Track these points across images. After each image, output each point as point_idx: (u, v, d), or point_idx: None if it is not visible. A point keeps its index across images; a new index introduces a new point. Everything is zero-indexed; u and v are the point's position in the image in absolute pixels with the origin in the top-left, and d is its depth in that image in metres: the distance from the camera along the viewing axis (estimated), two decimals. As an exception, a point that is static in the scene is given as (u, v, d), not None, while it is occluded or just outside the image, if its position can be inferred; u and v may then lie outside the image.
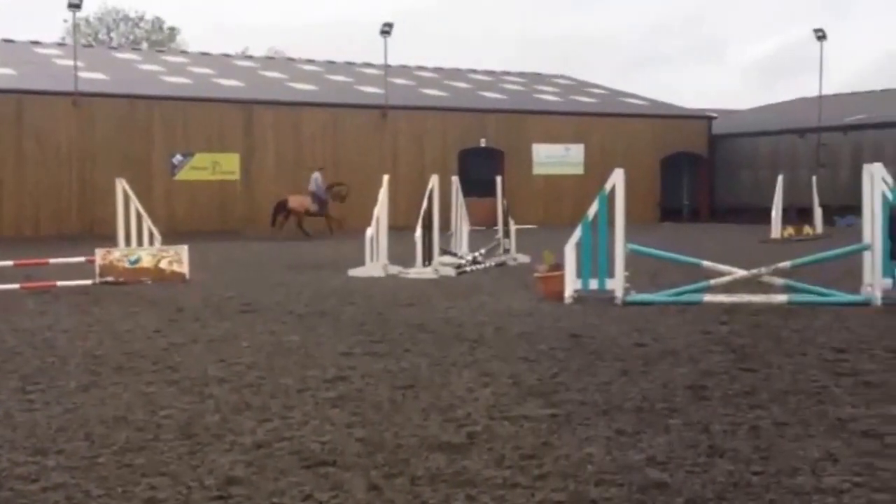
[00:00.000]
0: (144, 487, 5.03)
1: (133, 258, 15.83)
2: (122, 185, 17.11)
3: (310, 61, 48.09)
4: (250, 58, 51.68)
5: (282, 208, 30.39)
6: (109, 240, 17.51)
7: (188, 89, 36.46)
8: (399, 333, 10.15)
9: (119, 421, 6.41)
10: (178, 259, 15.90)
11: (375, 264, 16.87)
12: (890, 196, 12.64)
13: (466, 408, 6.73)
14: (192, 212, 33.49)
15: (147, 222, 17.18)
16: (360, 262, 17.06)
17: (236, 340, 9.72)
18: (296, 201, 30.57)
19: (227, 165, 34.52)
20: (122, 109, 33.34)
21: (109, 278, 15.34)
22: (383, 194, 17.47)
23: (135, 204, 17.03)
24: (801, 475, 5.11)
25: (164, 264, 15.81)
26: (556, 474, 5.21)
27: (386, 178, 18.05)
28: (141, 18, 75.19)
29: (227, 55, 49.76)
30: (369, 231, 17.01)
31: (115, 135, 32.78)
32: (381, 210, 17.26)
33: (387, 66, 38.36)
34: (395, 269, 16.85)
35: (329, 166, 34.77)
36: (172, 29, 76.18)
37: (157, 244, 16.90)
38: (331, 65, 47.51)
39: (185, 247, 16.14)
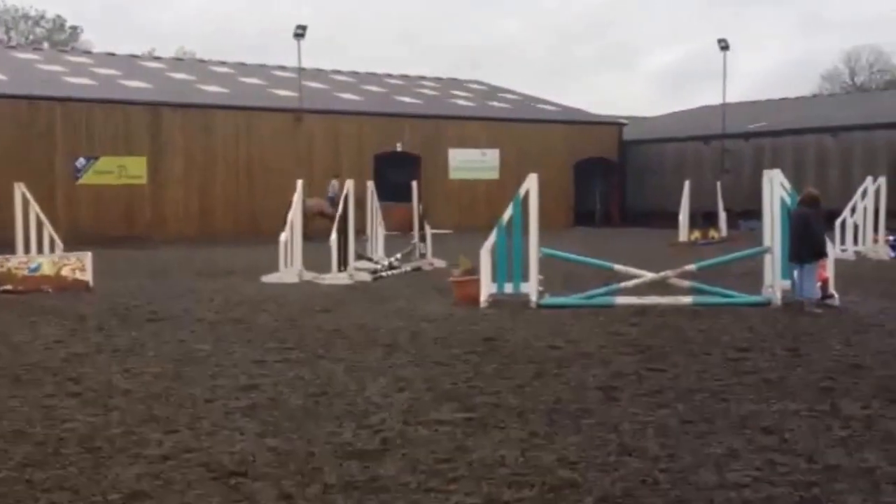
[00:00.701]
0: (45, 503, 4.92)
1: (33, 266, 15.39)
2: (21, 190, 16.60)
3: (221, 63, 47.42)
4: (158, 59, 50.65)
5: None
6: (8, 247, 16.98)
7: (92, 90, 35.50)
8: (313, 340, 10.11)
9: (18, 435, 6.24)
10: (80, 266, 15.48)
11: (290, 270, 16.73)
12: (788, 200, 13.11)
13: (381, 414, 6.75)
14: (97, 217, 32.61)
15: (48, 228, 16.69)
16: (274, 268, 16.91)
17: (143, 350, 9.54)
18: (312, 202, 30.48)
19: (134, 169, 33.72)
20: (21, 111, 32.29)
21: (7, 287, 14.88)
22: (298, 199, 17.35)
23: (35, 209, 16.53)
24: (705, 471, 5.28)
25: (66, 272, 15.38)
26: (469, 477, 5.28)
27: (300, 182, 17.94)
28: (41, 17, 73.04)
29: (133, 56, 48.68)
30: (283, 236, 16.87)
31: (14, 137, 31.71)
32: (295, 215, 17.14)
33: (300, 69, 38.07)
34: (309, 275, 16.75)
35: (241, 170, 34.30)
36: (75, 28, 74.18)
37: (59, 251, 16.45)
38: (243, 67, 46.90)
39: (89, 253, 15.73)
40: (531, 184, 13.11)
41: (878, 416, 6.50)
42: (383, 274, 17.47)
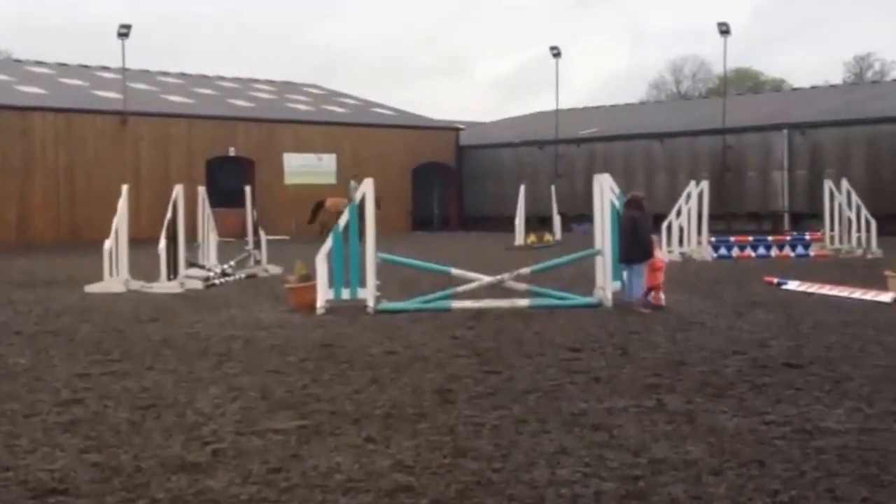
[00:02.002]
0: None
1: None
2: None
3: (40, 63, 45.13)
4: (-28, 59, 47.78)
5: (319, 207, 33.27)
6: None
7: None
8: (141, 351, 9.72)
9: None
10: None
11: (115, 279, 16.04)
12: (618, 204, 13.57)
13: (212, 424, 6.54)
14: None
15: None
16: (99, 277, 16.18)
17: (-44, 365, 8.93)
18: (331, 202, 33.59)
19: (-55, 173, 31.72)
20: None
21: None
22: (123, 205, 16.65)
23: None
24: (537, 469, 5.36)
25: None
26: (303, 486, 5.16)
27: (125, 187, 17.23)
28: None
29: (-55, 56, 45.76)
30: (107, 244, 16.15)
31: None
32: (120, 222, 16.44)
33: (125, 70, 36.68)
34: (137, 284, 16.11)
35: (62, 175, 32.76)
36: None
37: None
38: (63, 67, 44.80)
39: None
40: (367, 188, 13.06)
41: (701, 410, 6.78)
42: (216, 281, 17.03)
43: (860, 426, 6.24)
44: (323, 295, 12.84)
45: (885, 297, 13.09)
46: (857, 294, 13.66)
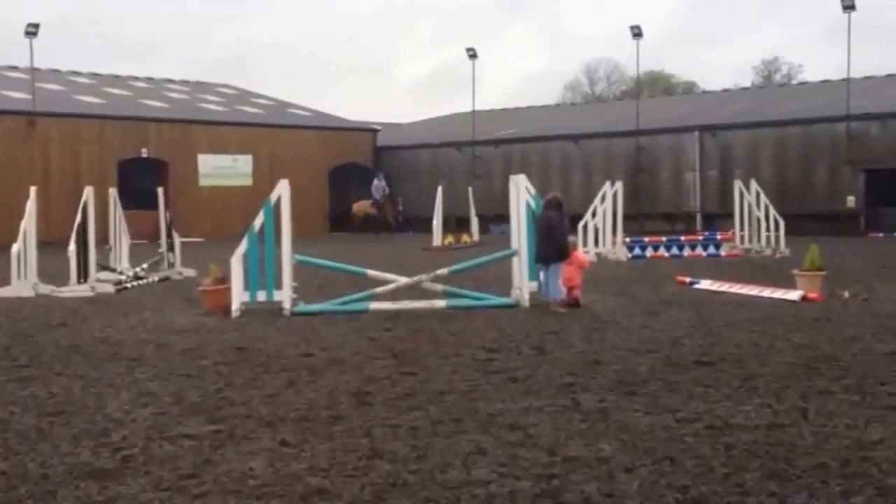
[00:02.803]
0: None
1: None
2: None
3: (-59, 63, 43.63)
4: None
5: (348, 212, 39.21)
6: None
7: None
8: (49, 356, 9.45)
9: None
10: None
11: (23, 283, 15.58)
12: (534, 204, 13.69)
13: (123, 431, 6.40)
14: None
15: None
16: (6, 280, 15.70)
17: None
18: (357, 206, 39.39)
19: None
20: None
21: None
22: (31, 207, 16.18)
23: None
24: (452, 470, 5.37)
25: None
26: (216, 492, 5.08)
27: (34, 189, 16.75)
28: None
29: None
30: (15, 247, 15.67)
31: None
32: (28, 224, 15.97)
33: (33, 70, 35.65)
34: (46, 288, 15.67)
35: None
36: None
37: None
38: (-34, 68, 43.38)
39: None
40: (283, 190, 12.93)
41: (615, 407, 6.88)
42: (128, 285, 16.68)
43: (768, 422, 6.40)
44: (238, 297, 12.67)
45: (793, 295, 13.48)
46: (767, 293, 14.04)
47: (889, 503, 4.76)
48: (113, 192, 19.47)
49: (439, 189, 31.93)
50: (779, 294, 13.74)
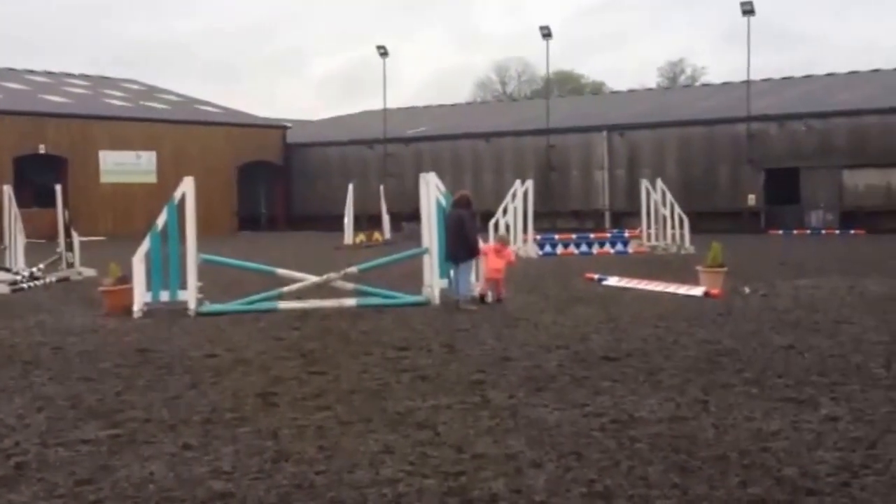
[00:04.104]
0: None
1: None
2: None
3: None
4: None
5: None
6: None
7: None
8: (-62, 360, 9.03)
9: None
10: None
11: (-87, 284, 14.92)
12: (444, 202, 13.67)
13: (16, 436, 6.14)
14: None
15: None
16: None
17: None
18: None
19: None
20: None
21: None
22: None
23: None
24: (360, 470, 5.28)
25: None
26: (113, 498, 4.90)
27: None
28: None
29: None
30: None
31: None
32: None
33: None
34: (-63, 289, 15.04)
35: None
36: None
37: None
38: None
39: None
40: (188, 187, 12.63)
41: (523, 404, 6.88)
42: (24, 285, 16.10)
43: (671, 415, 6.49)
44: (140, 297, 12.33)
45: (697, 291, 13.76)
46: (672, 289, 14.30)
47: (786, 492, 4.85)
48: (7, 190, 18.82)
49: (350, 187, 31.76)
50: (683, 290, 14.01)
